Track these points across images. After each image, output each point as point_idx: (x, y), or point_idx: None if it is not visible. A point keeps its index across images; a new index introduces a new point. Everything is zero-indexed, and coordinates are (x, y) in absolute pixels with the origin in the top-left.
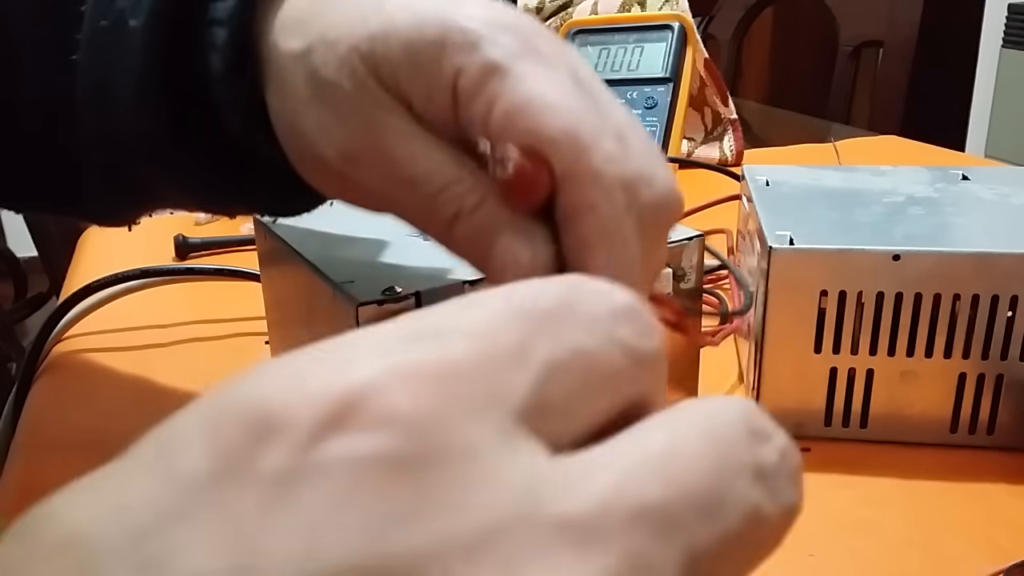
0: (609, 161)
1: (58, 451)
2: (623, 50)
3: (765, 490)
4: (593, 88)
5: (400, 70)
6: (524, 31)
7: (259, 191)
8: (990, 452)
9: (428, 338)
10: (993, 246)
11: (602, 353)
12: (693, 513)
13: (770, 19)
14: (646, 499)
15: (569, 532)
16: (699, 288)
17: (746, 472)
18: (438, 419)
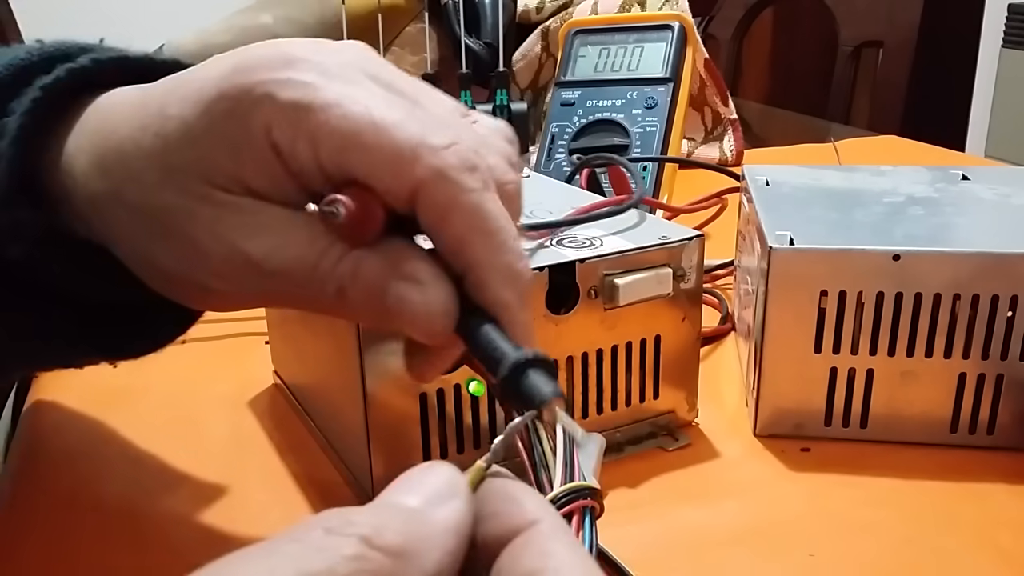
0: (447, 153)
1: (58, 451)
2: (623, 50)
3: None
4: (404, 90)
5: (218, 160)
6: (312, 58)
7: (93, 334)
8: (990, 452)
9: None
10: (993, 246)
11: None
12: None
13: (770, 19)
14: None
15: None
16: (699, 288)
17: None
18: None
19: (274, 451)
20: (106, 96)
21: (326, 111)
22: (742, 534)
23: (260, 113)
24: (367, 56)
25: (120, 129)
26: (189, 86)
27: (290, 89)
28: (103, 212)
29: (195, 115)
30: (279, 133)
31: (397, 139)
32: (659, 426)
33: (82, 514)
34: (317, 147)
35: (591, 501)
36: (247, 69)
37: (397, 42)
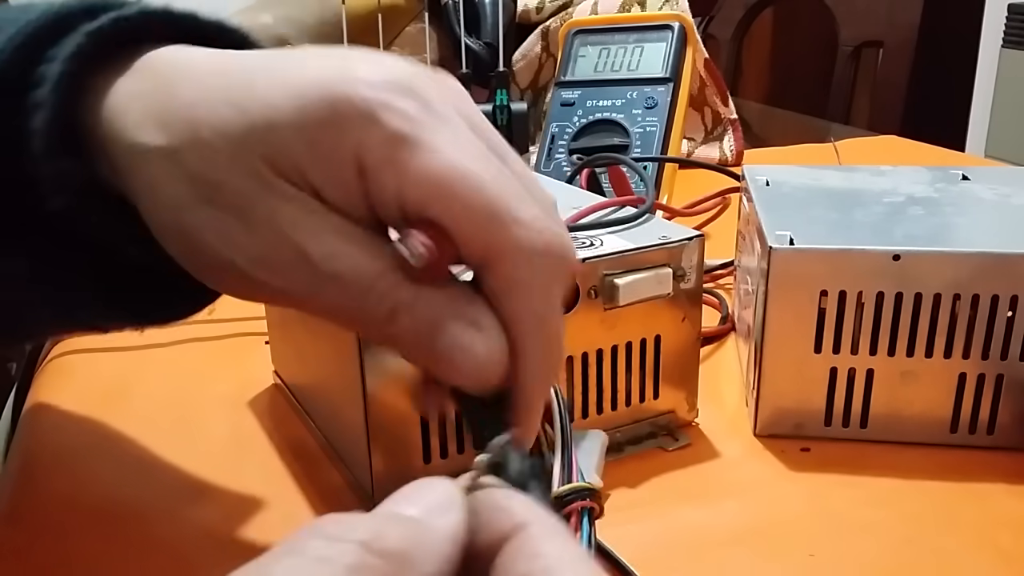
0: (534, 233)
1: (58, 451)
2: (623, 50)
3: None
4: (493, 142)
5: (297, 157)
6: (420, 88)
7: (124, 297)
8: (990, 452)
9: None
10: (993, 246)
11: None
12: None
13: (770, 19)
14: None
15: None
16: (699, 288)
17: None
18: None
19: (274, 451)
20: (169, 51)
21: (426, 152)
22: (742, 534)
23: (358, 132)
24: (461, 94)
25: (191, 89)
26: (286, 72)
27: (396, 118)
28: (149, 167)
29: (288, 106)
30: (371, 157)
31: (491, 200)
32: (659, 426)
33: (82, 514)
34: (405, 183)
35: (590, 502)
36: (356, 80)
37: (397, 42)
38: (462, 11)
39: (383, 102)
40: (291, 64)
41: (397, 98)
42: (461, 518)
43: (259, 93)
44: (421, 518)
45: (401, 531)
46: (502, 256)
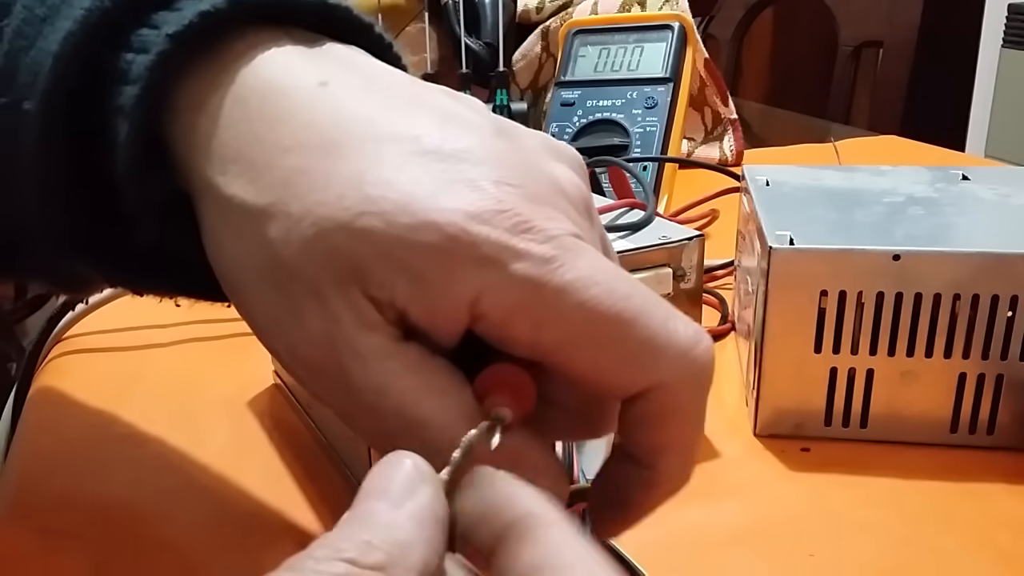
0: (688, 357)
1: (58, 451)
2: (623, 50)
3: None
4: (608, 245)
5: (391, 278)
6: (542, 217)
7: (198, 287)
8: (990, 452)
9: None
10: (993, 246)
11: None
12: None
13: (770, 19)
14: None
15: None
16: (699, 288)
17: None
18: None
19: (274, 451)
20: (263, 68)
21: (560, 296)
22: (742, 534)
23: (478, 277)
24: (582, 205)
25: (288, 140)
26: (400, 177)
27: (522, 265)
28: (223, 214)
29: (399, 222)
30: (492, 304)
31: (640, 336)
32: None
33: (82, 514)
34: (541, 330)
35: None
36: (476, 215)
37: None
38: (462, 11)
39: (510, 248)
40: (410, 161)
41: (522, 239)
42: (430, 490)
43: (366, 188)
44: (393, 511)
45: (380, 536)
46: (657, 388)
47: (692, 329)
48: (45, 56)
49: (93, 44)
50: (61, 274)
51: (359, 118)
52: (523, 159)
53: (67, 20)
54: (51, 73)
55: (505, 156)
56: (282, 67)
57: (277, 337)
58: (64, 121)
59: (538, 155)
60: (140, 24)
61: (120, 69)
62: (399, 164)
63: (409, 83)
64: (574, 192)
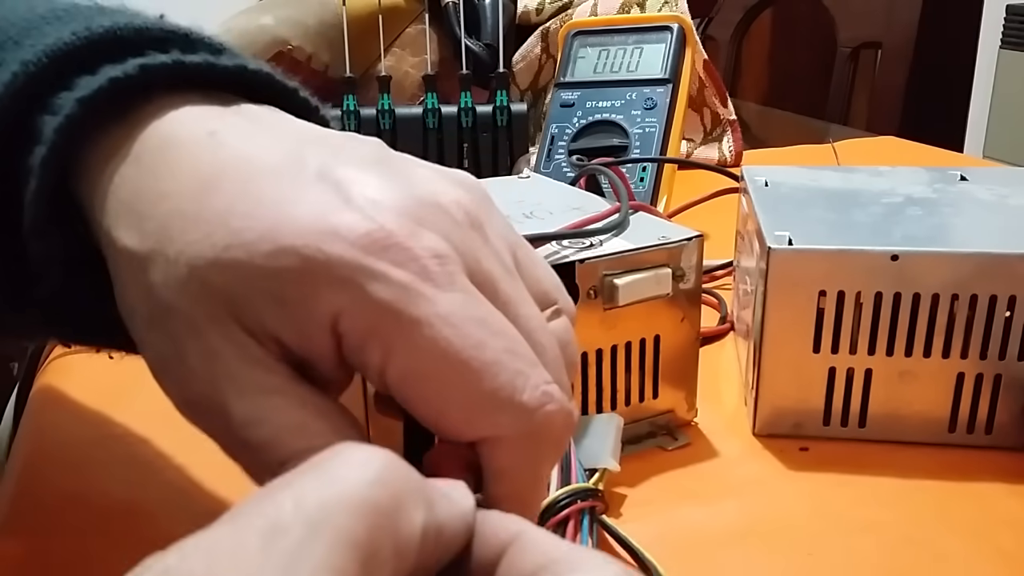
0: (524, 419)
1: (60, 451)
2: (622, 51)
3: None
4: (493, 279)
5: (261, 306)
6: (415, 244)
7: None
8: (988, 452)
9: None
10: (991, 246)
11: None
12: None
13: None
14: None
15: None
16: (698, 288)
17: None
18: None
19: None
20: (164, 124)
21: (414, 327)
22: (741, 533)
23: (336, 298)
24: (469, 229)
25: (170, 190)
26: (270, 201)
27: (379, 286)
28: (116, 262)
29: (259, 250)
30: (350, 325)
31: (485, 388)
32: (658, 426)
33: (84, 514)
34: (388, 360)
35: (590, 502)
36: (336, 234)
37: (397, 43)
38: (462, 12)
39: (367, 268)
40: (276, 195)
41: (383, 262)
42: (373, 478)
43: (234, 224)
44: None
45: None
46: (490, 442)
47: (541, 391)
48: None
49: (17, 108)
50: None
51: (238, 158)
52: (400, 181)
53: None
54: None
55: (382, 179)
56: (177, 122)
57: (167, 379)
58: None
59: (421, 178)
60: (61, 88)
61: (37, 130)
62: (268, 196)
63: (306, 127)
64: (454, 209)
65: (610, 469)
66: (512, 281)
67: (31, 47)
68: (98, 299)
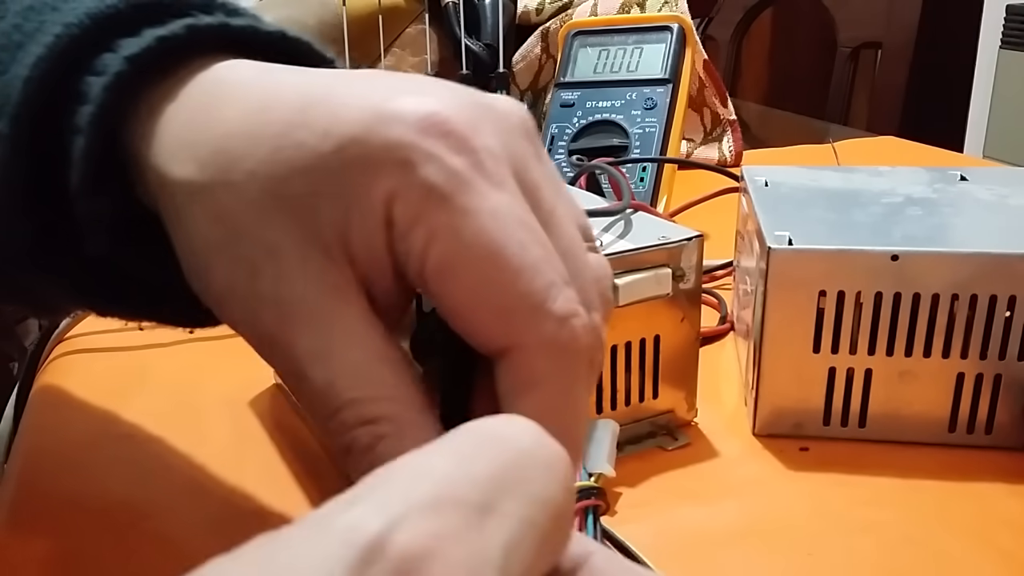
0: (557, 326)
1: (60, 451)
2: (622, 51)
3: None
4: (546, 199)
5: (330, 211)
6: (471, 135)
7: (163, 310)
8: (988, 452)
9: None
10: (991, 246)
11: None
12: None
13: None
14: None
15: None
16: (698, 288)
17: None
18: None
19: (275, 451)
20: (219, 69)
21: (459, 214)
22: (741, 533)
23: (390, 178)
24: (523, 138)
25: (230, 119)
26: (326, 108)
27: (434, 170)
28: (174, 200)
29: (324, 148)
30: (402, 210)
31: (516, 284)
32: (658, 426)
33: (83, 514)
34: (430, 246)
35: (593, 500)
36: (395, 117)
37: (397, 43)
38: (462, 12)
39: (423, 149)
40: (334, 97)
41: (440, 145)
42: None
43: (297, 135)
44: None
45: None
46: (516, 349)
47: (574, 304)
48: (16, 80)
49: (61, 68)
50: (28, 295)
51: (291, 83)
52: (457, 87)
53: (38, 46)
54: (21, 96)
55: (439, 83)
56: (225, 69)
57: (235, 309)
58: (29, 142)
59: (476, 91)
60: (103, 50)
61: (81, 91)
62: (326, 102)
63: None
64: (511, 116)
65: (606, 475)
66: (558, 197)
67: (72, 10)
68: (140, 264)
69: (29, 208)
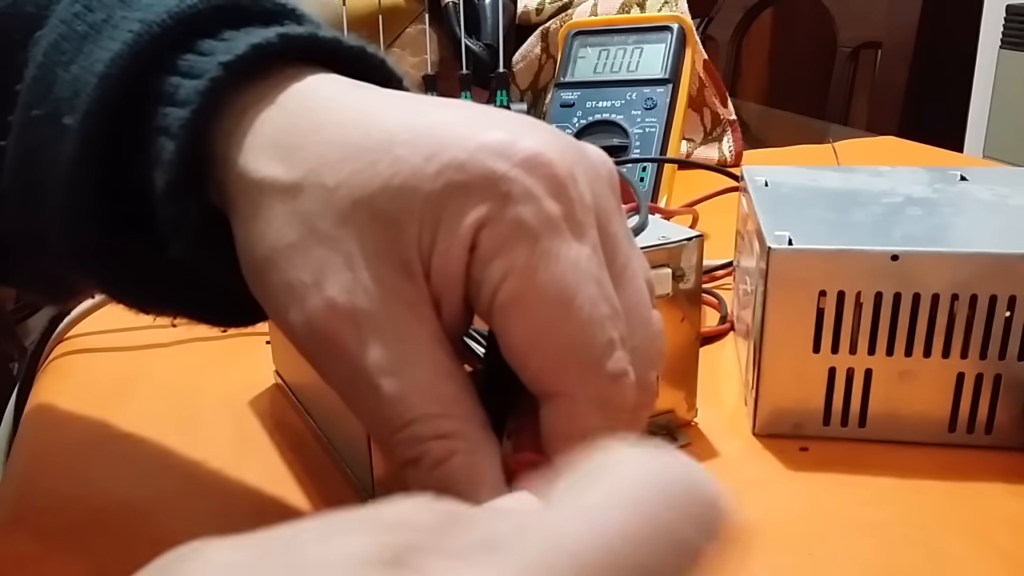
0: (606, 385)
1: (60, 451)
2: (622, 51)
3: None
4: (621, 253)
5: (418, 231)
6: (570, 185)
7: (209, 310)
8: (988, 452)
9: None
10: (991, 246)
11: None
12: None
13: (769, 20)
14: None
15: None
16: (698, 288)
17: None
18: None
19: (275, 451)
20: (312, 82)
21: (542, 257)
22: (740, 533)
23: (485, 205)
24: (609, 191)
25: (328, 127)
26: (429, 132)
27: (529, 207)
28: (261, 197)
29: (424, 169)
30: (488, 239)
31: (581, 341)
32: (658, 426)
33: (83, 514)
34: (507, 279)
35: None
36: (499, 152)
37: (397, 43)
38: (462, 12)
39: (523, 186)
40: (439, 124)
41: (540, 186)
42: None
43: (398, 151)
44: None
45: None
46: (562, 397)
47: (626, 364)
48: (89, 75)
49: (139, 66)
50: (55, 284)
51: (392, 105)
52: (554, 130)
53: (114, 42)
54: (96, 92)
55: (538, 125)
56: (317, 81)
57: (296, 310)
58: (103, 139)
59: (574, 140)
60: (185, 50)
61: (165, 92)
62: (432, 122)
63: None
64: (600, 167)
65: None
66: (632, 252)
67: (148, 6)
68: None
69: (98, 206)
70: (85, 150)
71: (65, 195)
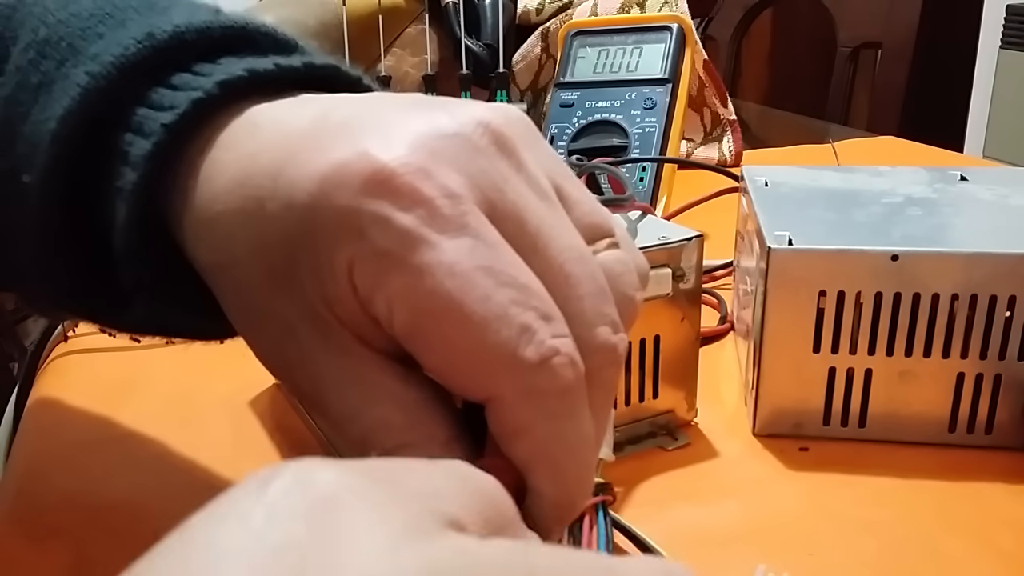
0: (538, 376)
1: (60, 451)
2: (622, 51)
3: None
4: (521, 212)
5: (310, 281)
6: (411, 179)
7: (188, 332)
8: (988, 452)
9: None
10: (991, 246)
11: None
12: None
13: (769, 20)
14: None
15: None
16: (698, 288)
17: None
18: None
19: (275, 451)
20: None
21: (416, 276)
22: (741, 533)
23: (346, 246)
24: (496, 157)
25: (220, 200)
26: (290, 173)
27: (380, 232)
28: (206, 275)
29: (289, 224)
30: (360, 278)
31: (488, 343)
32: (658, 426)
33: (83, 514)
34: (393, 311)
35: (601, 497)
36: (338, 184)
37: (397, 43)
38: (462, 12)
39: (369, 213)
40: (300, 158)
41: (386, 205)
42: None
43: (269, 208)
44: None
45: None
46: (495, 401)
47: (547, 345)
48: (43, 131)
49: (90, 122)
50: (43, 312)
51: (272, 143)
52: (421, 116)
53: (64, 96)
54: (50, 149)
55: (401, 117)
56: (259, 111)
57: (278, 375)
58: (63, 194)
59: (448, 110)
60: (138, 102)
61: (120, 149)
62: (295, 163)
63: (360, 96)
64: (478, 136)
65: (605, 459)
66: (547, 209)
67: (94, 56)
68: (183, 318)
69: (66, 253)
70: (46, 207)
71: (34, 246)
